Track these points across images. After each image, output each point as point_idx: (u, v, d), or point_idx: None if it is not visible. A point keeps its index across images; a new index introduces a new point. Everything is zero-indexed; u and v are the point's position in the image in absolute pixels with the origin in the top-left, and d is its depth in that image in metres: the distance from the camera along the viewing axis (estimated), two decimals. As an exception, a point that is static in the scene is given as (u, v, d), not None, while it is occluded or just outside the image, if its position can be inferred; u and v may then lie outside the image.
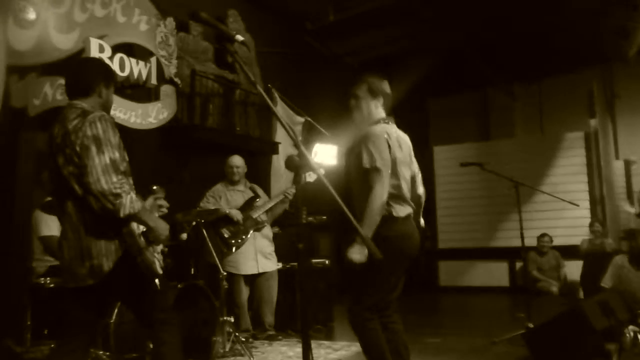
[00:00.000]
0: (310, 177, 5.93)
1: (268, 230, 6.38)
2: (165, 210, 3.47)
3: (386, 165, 3.45)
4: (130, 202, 2.79)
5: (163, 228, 2.96)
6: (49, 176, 3.05)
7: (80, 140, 2.81)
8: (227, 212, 5.98)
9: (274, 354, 5.55)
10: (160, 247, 3.15)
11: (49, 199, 4.73)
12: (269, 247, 6.32)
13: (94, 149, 2.79)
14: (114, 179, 2.77)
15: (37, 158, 5.44)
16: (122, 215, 2.77)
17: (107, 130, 2.84)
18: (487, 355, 5.41)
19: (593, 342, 4.58)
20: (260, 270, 6.12)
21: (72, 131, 2.85)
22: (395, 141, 3.62)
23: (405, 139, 3.78)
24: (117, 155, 2.84)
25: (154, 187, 3.41)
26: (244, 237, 6.02)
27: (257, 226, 6.15)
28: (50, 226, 4.90)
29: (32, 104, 5.26)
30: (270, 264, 6.23)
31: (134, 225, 2.90)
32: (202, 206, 6.08)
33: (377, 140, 3.50)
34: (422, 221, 3.89)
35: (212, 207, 6.03)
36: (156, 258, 3.00)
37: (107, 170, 2.77)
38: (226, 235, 5.97)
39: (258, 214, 6.13)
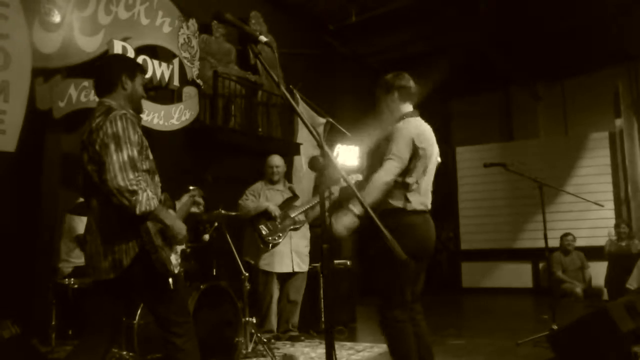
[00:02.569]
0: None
1: (306, 231, 6.40)
2: (201, 208, 3.51)
3: (399, 157, 3.54)
4: (146, 199, 2.83)
5: (180, 227, 2.99)
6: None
7: (100, 138, 2.86)
8: (267, 206, 5.99)
9: (296, 355, 5.55)
10: (180, 248, 3.14)
11: (80, 201, 4.76)
12: (305, 248, 6.33)
13: (112, 146, 2.83)
14: (131, 176, 2.80)
15: (63, 160, 5.50)
16: (138, 212, 2.81)
17: (127, 128, 2.88)
18: (511, 357, 5.36)
19: (618, 344, 4.52)
20: (295, 270, 6.15)
21: (94, 129, 2.90)
22: (419, 135, 3.66)
23: (430, 132, 3.81)
24: (135, 153, 2.88)
25: (191, 187, 3.45)
26: (281, 234, 6.02)
27: (295, 226, 6.16)
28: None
29: (57, 106, 5.33)
30: (303, 266, 6.27)
31: (149, 224, 2.90)
32: (241, 203, 6.09)
33: (399, 136, 3.59)
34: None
35: (251, 204, 6.06)
36: (173, 258, 3.00)
37: (124, 167, 2.81)
38: (264, 232, 5.97)
39: (296, 214, 6.14)
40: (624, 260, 8.76)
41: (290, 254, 6.14)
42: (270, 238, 5.97)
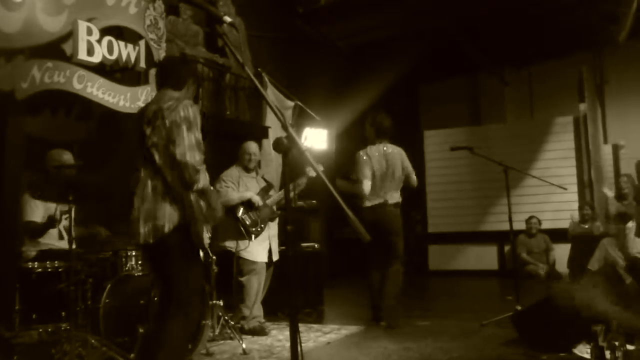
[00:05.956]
0: (312, 173, 5.89)
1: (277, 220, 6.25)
2: None
3: (365, 176, 6.01)
4: (204, 179, 3.30)
5: (219, 209, 3.44)
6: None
7: (173, 117, 3.22)
8: (250, 196, 5.84)
9: (264, 337, 5.57)
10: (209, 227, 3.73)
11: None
12: (277, 237, 6.18)
13: (184, 127, 3.21)
14: (197, 157, 3.21)
15: (26, 142, 5.40)
16: (195, 188, 3.22)
17: (197, 115, 3.28)
18: (476, 337, 5.45)
19: (579, 323, 4.62)
20: (274, 259, 6.03)
21: (166, 109, 3.26)
22: (375, 157, 6.07)
23: (392, 152, 6.14)
24: (201, 137, 3.28)
25: None
26: (262, 225, 5.87)
27: (272, 215, 6.05)
28: (33, 211, 4.91)
29: (20, 87, 5.21)
30: (276, 255, 6.10)
31: (193, 199, 3.23)
32: (221, 192, 5.81)
33: (359, 160, 6.13)
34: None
35: (235, 194, 5.85)
36: (206, 234, 3.41)
37: (193, 147, 3.20)
38: (248, 223, 5.80)
39: (273, 203, 6.03)
40: (586, 242, 8.96)
41: (269, 243, 5.98)
42: (253, 229, 5.82)
